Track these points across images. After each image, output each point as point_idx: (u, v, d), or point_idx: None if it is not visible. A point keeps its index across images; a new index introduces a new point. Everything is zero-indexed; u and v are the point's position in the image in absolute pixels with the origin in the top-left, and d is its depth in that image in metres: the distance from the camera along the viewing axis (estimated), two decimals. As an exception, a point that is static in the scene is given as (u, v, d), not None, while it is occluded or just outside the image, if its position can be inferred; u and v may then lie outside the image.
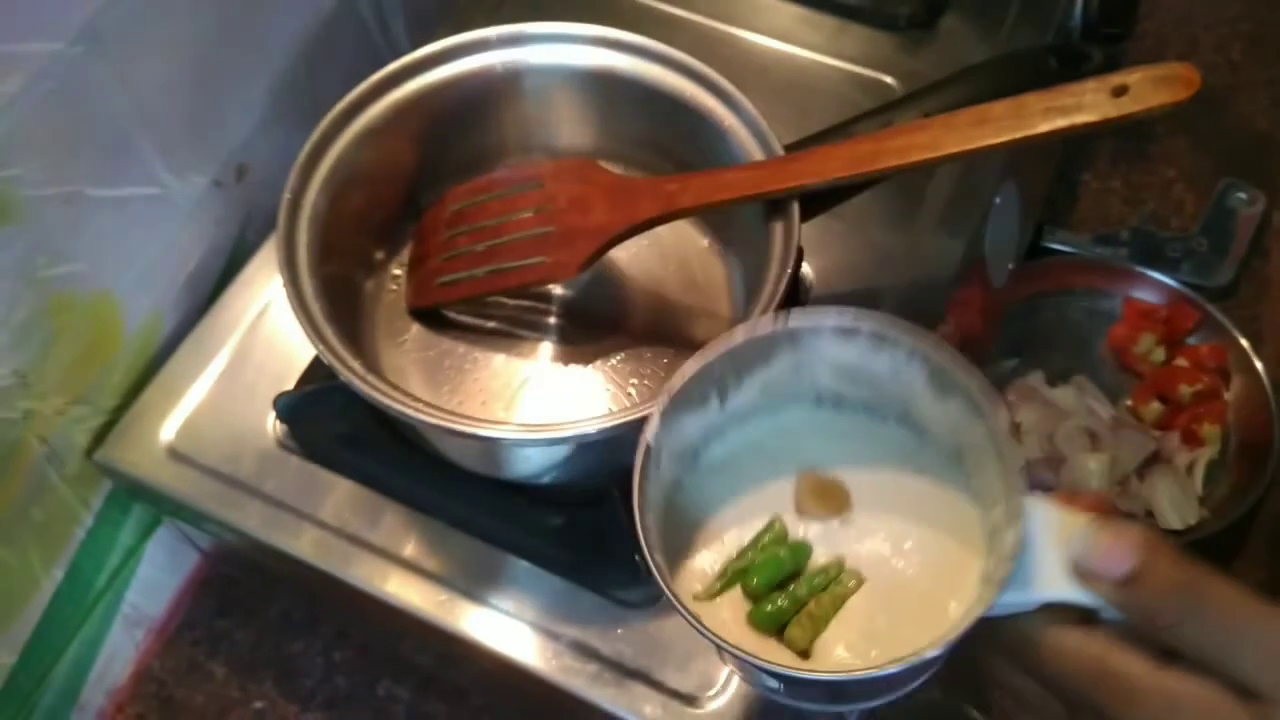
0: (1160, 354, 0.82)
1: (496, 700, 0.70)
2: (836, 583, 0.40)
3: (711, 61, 0.61)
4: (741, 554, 0.40)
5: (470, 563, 0.57)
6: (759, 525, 0.41)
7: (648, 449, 0.38)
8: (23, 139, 0.52)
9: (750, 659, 0.36)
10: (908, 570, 0.40)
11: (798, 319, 0.40)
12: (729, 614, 0.39)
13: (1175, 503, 0.75)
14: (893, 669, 0.35)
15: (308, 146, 0.59)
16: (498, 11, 0.76)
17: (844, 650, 0.38)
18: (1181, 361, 0.82)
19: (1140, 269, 0.85)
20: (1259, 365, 0.80)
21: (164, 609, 0.73)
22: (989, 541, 0.39)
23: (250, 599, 0.74)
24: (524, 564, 0.57)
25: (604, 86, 0.64)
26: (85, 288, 0.59)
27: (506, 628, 0.56)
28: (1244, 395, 0.80)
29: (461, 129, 0.65)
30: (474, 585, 0.57)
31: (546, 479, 0.58)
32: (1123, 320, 0.85)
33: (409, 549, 0.58)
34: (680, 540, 0.40)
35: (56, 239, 0.56)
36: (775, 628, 0.39)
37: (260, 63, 0.68)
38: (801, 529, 0.41)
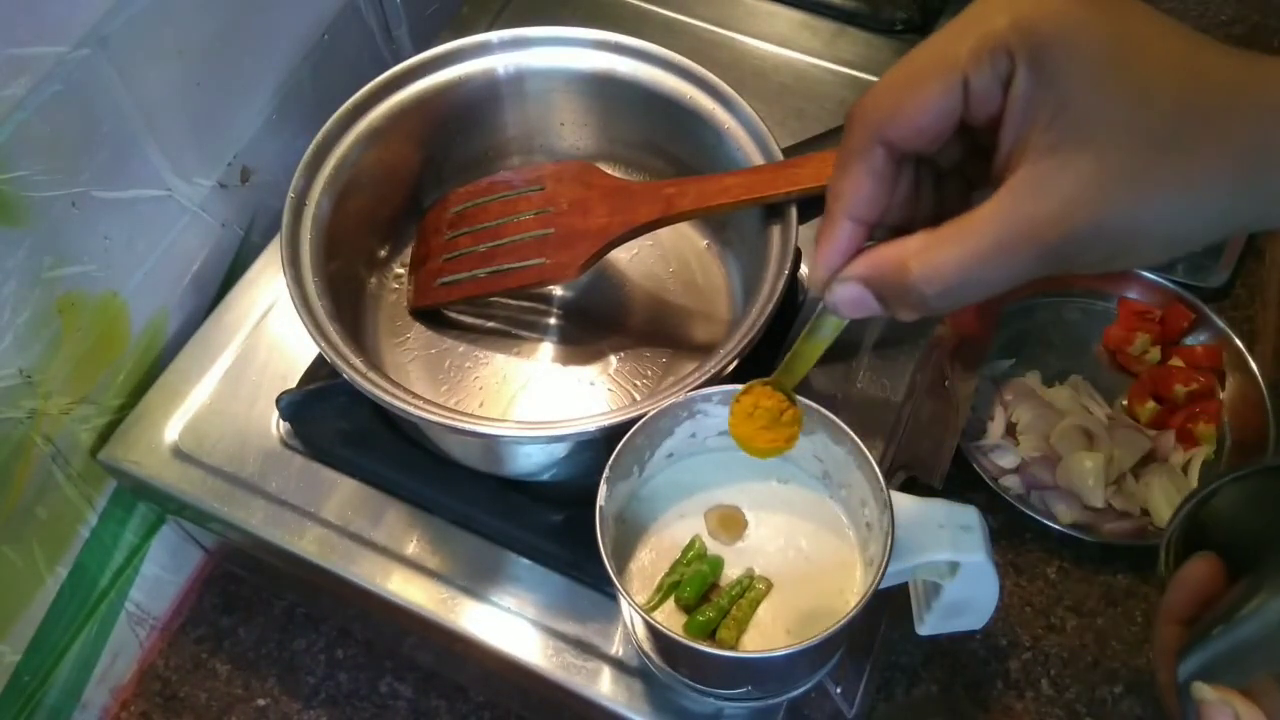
0: (1155, 354, 0.83)
1: (497, 697, 0.70)
2: (750, 589, 0.49)
3: (710, 65, 0.62)
4: (673, 569, 0.49)
5: (471, 560, 0.58)
6: (683, 539, 0.50)
7: (600, 508, 0.47)
8: (29, 141, 0.53)
9: (698, 647, 0.46)
10: (805, 566, 0.50)
11: (694, 392, 0.49)
12: (670, 624, 0.48)
13: (1171, 501, 0.75)
14: (811, 642, 0.44)
15: (312, 148, 0.59)
16: (499, 15, 0.77)
17: (766, 644, 0.48)
18: (1177, 361, 0.82)
19: (1135, 270, 0.86)
20: (1254, 365, 0.80)
21: (168, 607, 0.74)
22: (862, 537, 0.49)
23: (253, 597, 0.75)
24: (525, 562, 0.58)
25: (604, 89, 0.64)
26: (91, 288, 0.60)
27: (507, 625, 0.56)
28: (1239, 395, 0.81)
29: (463, 131, 0.65)
30: (475, 583, 0.57)
31: (547, 476, 0.58)
32: (1118, 321, 0.85)
33: (411, 547, 0.58)
34: (627, 547, 0.50)
35: (63, 240, 0.57)
36: (707, 633, 0.48)
37: (265, 65, 0.68)
38: (715, 546, 0.50)
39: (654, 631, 0.47)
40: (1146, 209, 0.34)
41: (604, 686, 0.54)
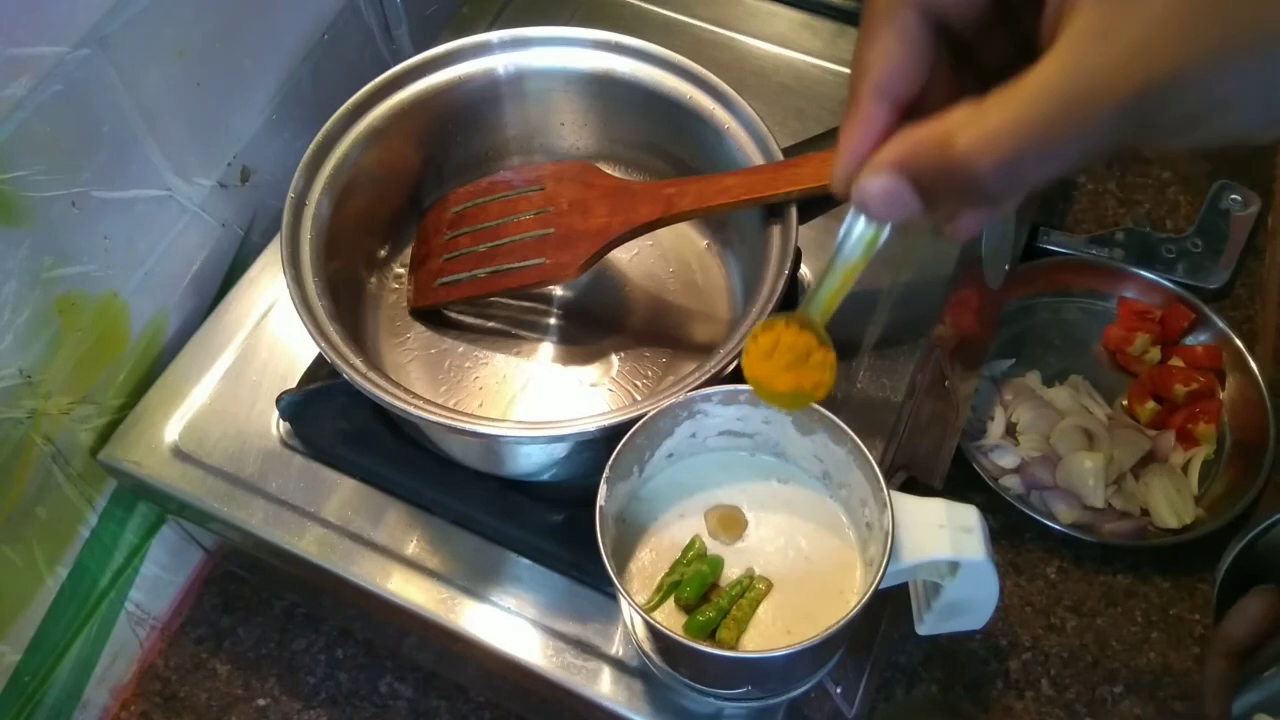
0: (1155, 354, 0.83)
1: (497, 697, 0.70)
2: (750, 589, 0.49)
3: (710, 65, 0.62)
4: (673, 568, 0.49)
5: (472, 560, 0.58)
6: (683, 539, 0.50)
7: (601, 508, 0.46)
8: (29, 141, 0.53)
9: (698, 647, 0.46)
10: (805, 566, 0.50)
11: (694, 392, 0.49)
12: (670, 624, 0.48)
13: (1171, 501, 0.75)
14: (811, 642, 0.44)
15: (312, 148, 0.59)
16: (499, 15, 0.77)
17: (766, 644, 0.48)
18: (1177, 361, 0.82)
19: (1135, 270, 0.86)
20: (1253, 365, 0.80)
21: (168, 607, 0.74)
22: (862, 537, 0.49)
23: (254, 597, 0.75)
24: (525, 561, 0.58)
25: (604, 89, 0.64)
26: (91, 288, 0.60)
27: (507, 625, 0.56)
28: (1239, 395, 0.81)
29: (463, 131, 0.65)
30: (475, 583, 0.57)
31: (547, 476, 0.58)
32: (1118, 321, 0.85)
33: (411, 547, 0.58)
34: (627, 547, 0.50)
35: (63, 240, 0.57)
36: (707, 634, 0.48)
37: (265, 65, 0.68)
38: (715, 546, 0.50)
39: (654, 631, 0.47)
40: (1236, 48, 0.28)
41: (604, 686, 0.54)
